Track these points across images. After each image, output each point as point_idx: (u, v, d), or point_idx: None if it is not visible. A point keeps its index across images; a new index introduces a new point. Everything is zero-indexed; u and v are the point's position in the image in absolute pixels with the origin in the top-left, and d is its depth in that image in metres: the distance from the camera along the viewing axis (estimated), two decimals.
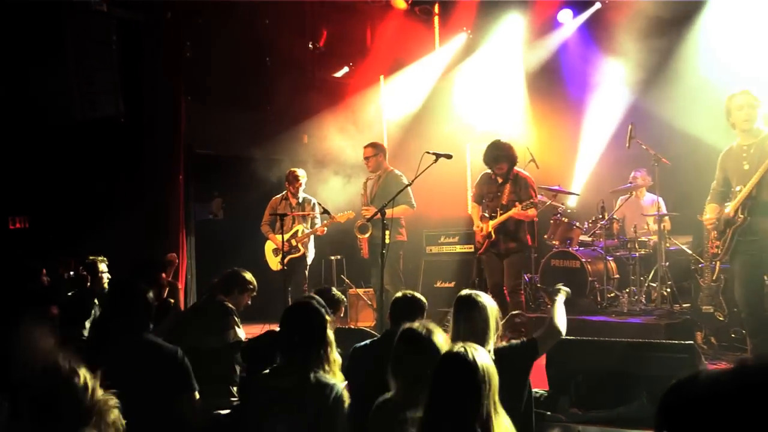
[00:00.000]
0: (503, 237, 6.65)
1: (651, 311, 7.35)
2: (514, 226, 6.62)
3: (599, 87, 9.43)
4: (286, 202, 8.12)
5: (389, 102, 10.14)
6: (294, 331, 3.11)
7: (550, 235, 8.33)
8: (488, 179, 6.80)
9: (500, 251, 6.69)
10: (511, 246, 6.63)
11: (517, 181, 6.65)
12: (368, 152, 7.76)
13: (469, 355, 2.50)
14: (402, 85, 10.24)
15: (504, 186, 6.68)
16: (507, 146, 6.68)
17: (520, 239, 6.66)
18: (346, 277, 9.23)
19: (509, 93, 9.96)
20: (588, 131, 9.62)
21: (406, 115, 10.12)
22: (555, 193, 8.42)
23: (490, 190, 6.78)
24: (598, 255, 8.03)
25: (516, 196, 6.59)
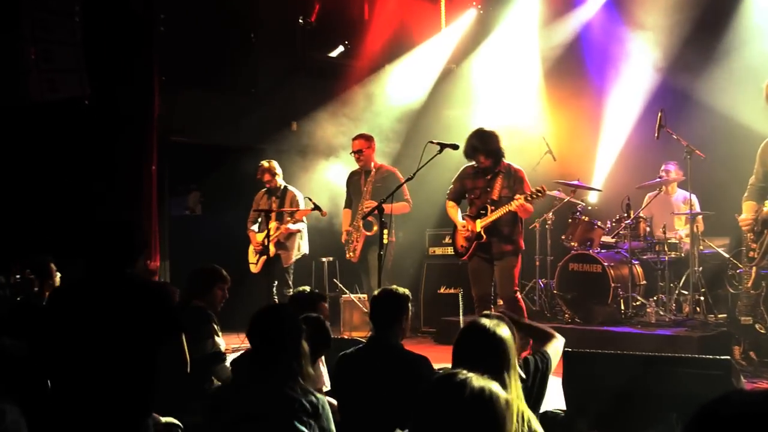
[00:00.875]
0: (497, 238, 6.41)
1: (682, 322, 7.33)
2: (509, 227, 6.41)
3: (624, 69, 9.39)
4: (267, 197, 8.20)
5: (390, 85, 10.10)
6: (259, 342, 2.95)
7: (568, 236, 8.30)
8: (473, 172, 6.58)
9: (492, 255, 6.44)
10: (507, 248, 6.42)
11: (510, 173, 6.45)
12: (360, 144, 7.65)
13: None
14: (405, 66, 10.23)
15: (495, 180, 6.46)
16: (490, 136, 6.43)
17: (515, 241, 6.47)
18: (338, 281, 9.21)
19: (523, 76, 9.99)
20: (611, 119, 9.59)
21: (410, 101, 10.11)
22: (574, 189, 8.41)
23: (476, 185, 6.55)
24: (622, 258, 7.98)
25: (510, 190, 6.38)
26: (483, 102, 9.79)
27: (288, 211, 7.94)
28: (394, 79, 10.11)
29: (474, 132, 6.48)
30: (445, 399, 2.02)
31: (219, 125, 9.28)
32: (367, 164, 7.67)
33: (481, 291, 6.50)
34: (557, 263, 8.26)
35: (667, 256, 7.75)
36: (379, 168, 7.64)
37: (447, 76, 10.37)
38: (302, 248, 8.27)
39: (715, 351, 5.46)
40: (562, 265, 8.13)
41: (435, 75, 10.32)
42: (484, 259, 6.48)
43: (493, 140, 6.42)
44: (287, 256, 8.10)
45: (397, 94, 9.98)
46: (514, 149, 8.85)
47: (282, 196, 8.11)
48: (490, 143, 6.39)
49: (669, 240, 7.80)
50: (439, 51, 10.33)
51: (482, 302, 6.42)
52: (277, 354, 2.93)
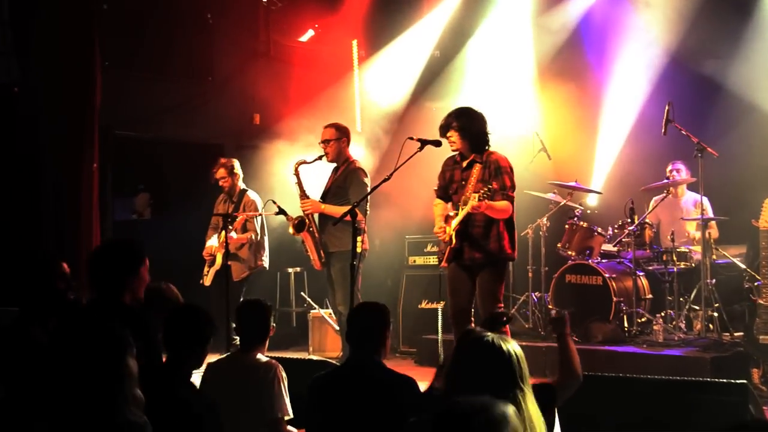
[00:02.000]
0: (468, 244, 6.08)
1: (693, 341, 7.31)
2: (483, 228, 6.06)
3: (628, 57, 9.35)
4: (225, 201, 8.18)
5: (367, 74, 10.07)
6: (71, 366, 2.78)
7: (564, 244, 8.29)
8: (452, 163, 6.36)
9: (465, 263, 6.16)
10: (477, 256, 6.06)
11: (489, 163, 6.12)
12: (329, 134, 7.46)
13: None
14: (384, 53, 10.23)
15: (469, 171, 6.18)
16: (471, 113, 6.21)
17: (491, 246, 6.07)
18: (306, 295, 9.16)
19: (516, 65, 9.98)
20: (613, 113, 9.58)
21: (390, 92, 10.09)
22: (571, 191, 8.41)
23: (453, 178, 6.30)
24: (625, 269, 8.01)
25: (485, 184, 5.97)
26: (471, 94, 9.69)
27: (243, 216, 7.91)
28: (372, 68, 10.10)
29: (455, 108, 6.33)
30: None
31: (171, 117, 9.21)
32: (335, 158, 7.45)
33: (458, 304, 6.19)
34: (552, 275, 8.25)
35: (675, 267, 7.74)
36: (348, 165, 7.48)
37: (431, 65, 10.35)
38: (259, 261, 8.16)
39: (731, 374, 5.58)
40: (557, 277, 8.12)
41: (418, 63, 10.29)
42: (461, 267, 6.17)
43: (475, 120, 6.19)
44: (238, 269, 8.03)
45: (375, 84, 9.97)
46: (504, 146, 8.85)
47: (237, 201, 8.07)
48: (470, 121, 6.16)
49: (678, 249, 7.78)
50: (422, 37, 10.31)
51: (459, 317, 6.14)
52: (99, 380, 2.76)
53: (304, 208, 7.42)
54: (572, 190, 8.37)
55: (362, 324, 3.96)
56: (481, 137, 6.15)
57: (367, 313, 4.03)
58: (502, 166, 6.08)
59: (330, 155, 7.40)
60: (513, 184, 6.09)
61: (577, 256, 8.13)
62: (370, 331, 3.93)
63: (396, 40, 10.23)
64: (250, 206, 8.01)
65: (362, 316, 4.03)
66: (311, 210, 7.34)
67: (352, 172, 7.38)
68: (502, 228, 6.06)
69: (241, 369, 4.32)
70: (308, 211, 7.35)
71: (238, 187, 8.12)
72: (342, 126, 7.55)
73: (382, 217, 8.92)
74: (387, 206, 8.94)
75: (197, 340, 3.67)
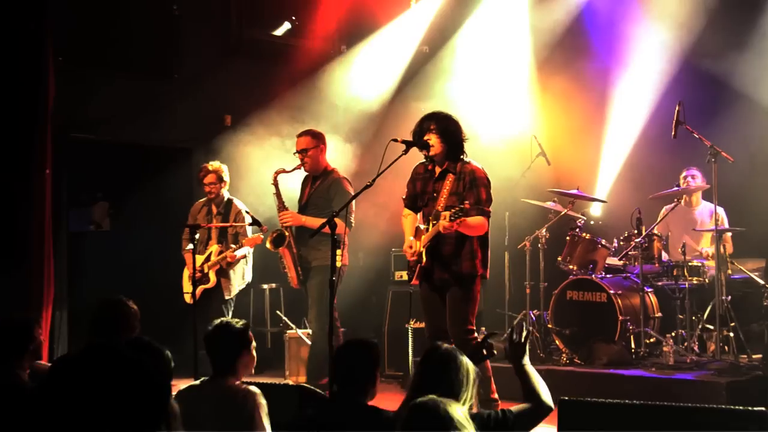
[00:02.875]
0: (438, 263, 6.10)
1: (707, 364, 7.33)
2: (455, 246, 6.07)
3: (636, 53, 9.40)
4: (206, 210, 8.14)
5: (348, 71, 10.07)
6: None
7: (565, 258, 8.33)
8: (423, 171, 6.33)
9: (435, 284, 6.18)
10: (447, 277, 6.09)
11: (463, 174, 6.09)
12: (305, 142, 7.56)
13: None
14: (366, 48, 10.24)
15: (442, 182, 6.16)
16: (446, 117, 6.19)
17: (463, 266, 6.08)
18: (282, 314, 9.14)
19: (511, 61, 10.00)
20: (619, 115, 9.62)
21: (373, 90, 10.11)
22: (572, 200, 8.41)
23: (425, 189, 6.28)
24: (632, 285, 8.04)
25: (459, 198, 5.99)
26: (461, 93, 9.74)
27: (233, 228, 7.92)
28: (353, 64, 10.08)
29: (431, 112, 6.30)
30: None
31: (133, 119, 9.15)
32: (314, 168, 7.56)
33: (433, 325, 6.23)
34: (552, 291, 8.27)
35: (687, 283, 7.77)
36: (329, 174, 7.56)
37: (418, 61, 10.36)
38: (246, 276, 8.16)
39: (749, 400, 5.42)
40: (558, 294, 8.14)
41: (403, 60, 10.29)
42: (432, 288, 6.21)
43: (453, 124, 6.16)
44: (230, 286, 8.02)
45: (356, 82, 9.95)
46: (498, 151, 8.85)
47: (225, 211, 8.06)
48: (449, 125, 6.13)
49: (690, 262, 7.80)
50: (408, 30, 10.32)
51: (435, 337, 5.97)
52: None
53: (284, 220, 7.49)
54: (574, 198, 8.36)
55: (348, 363, 3.96)
56: (457, 144, 6.14)
57: (354, 352, 4.01)
58: (478, 177, 6.06)
59: (308, 165, 7.53)
60: (489, 198, 6.08)
61: (579, 271, 8.15)
62: (357, 370, 3.92)
63: (380, 34, 10.24)
64: (240, 217, 8.02)
65: (349, 354, 4.02)
66: (291, 223, 7.40)
67: (335, 182, 7.49)
68: (476, 246, 6.07)
69: (215, 397, 4.25)
70: (288, 224, 7.41)
71: (224, 196, 8.10)
72: (317, 132, 7.67)
73: (365, 227, 8.88)
74: (371, 216, 8.91)
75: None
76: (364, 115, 9.93)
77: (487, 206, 6.02)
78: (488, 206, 6.04)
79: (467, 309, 6.06)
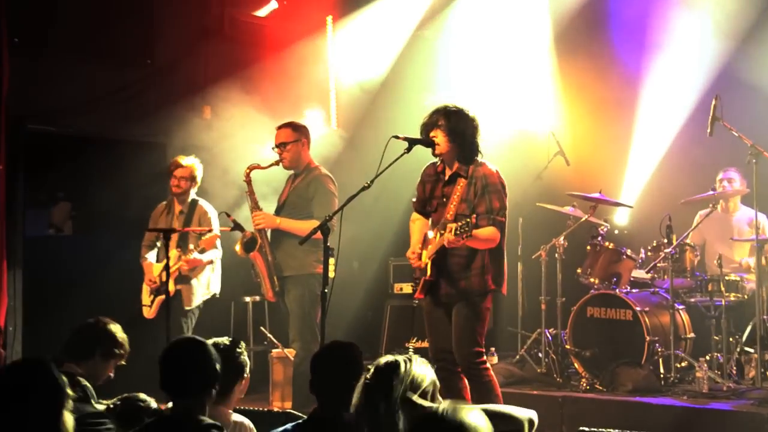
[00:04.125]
0: (445, 277, 6.14)
1: (746, 392, 7.30)
2: (465, 258, 6.10)
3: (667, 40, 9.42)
4: (169, 214, 8.19)
5: (339, 58, 10.09)
6: None
7: (585, 270, 8.35)
8: (434, 173, 6.39)
9: (441, 300, 6.22)
10: (454, 292, 6.13)
11: (474, 179, 6.11)
12: (285, 136, 7.61)
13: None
14: (359, 31, 10.20)
15: (453, 187, 6.19)
16: (462, 115, 6.17)
17: (472, 281, 6.12)
18: (267, 330, 9.11)
19: (526, 49, 9.99)
20: (648, 110, 9.63)
21: (367, 79, 10.11)
22: (594, 205, 8.43)
23: (434, 193, 6.35)
24: (661, 301, 8.05)
25: (469, 206, 6.05)
26: (469, 84, 9.73)
27: (197, 232, 7.92)
28: (344, 49, 10.10)
29: (443, 105, 6.28)
30: None
31: (100, 110, 9.12)
32: (293, 164, 7.60)
33: (437, 344, 6.29)
34: (571, 307, 8.29)
35: (724, 300, 7.75)
36: (310, 171, 7.61)
37: (417, 47, 10.33)
38: (212, 286, 8.18)
39: None
40: (577, 310, 8.15)
41: (400, 45, 10.27)
42: (437, 303, 6.25)
43: (466, 122, 6.15)
44: (191, 296, 8.03)
45: (348, 70, 9.99)
46: (511, 149, 8.82)
47: (189, 213, 8.10)
48: (461, 123, 6.12)
49: (727, 276, 7.80)
50: (406, 11, 10.31)
51: (440, 359, 6.18)
52: None
53: (256, 222, 7.52)
54: (596, 202, 8.36)
55: (329, 370, 3.93)
56: (470, 145, 6.15)
57: (336, 357, 4.00)
58: (491, 182, 6.07)
59: (287, 160, 7.57)
60: (503, 206, 6.07)
61: (601, 285, 8.16)
62: (339, 379, 3.84)
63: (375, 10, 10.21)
64: (205, 219, 8.04)
65: (329, 360, 4.00)
66: (264, 225, 7.44)
67: (315, 179, 7.53)
68: (488, 260, 6.09)
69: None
70: (260, 226, 7.45)
71: (189, 196, 8.15)
72: (299, 125, 7.74)
73: (361, 234, 8.93)
74: (367, 221, 8.89)
75: None
76: (360, 106, 9.98)
77: (499, 215, 6.01)
78: (501, 215, 6.02)
79: (475, 328, 6.09)
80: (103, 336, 5.10)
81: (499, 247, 6.10)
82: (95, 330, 5.11)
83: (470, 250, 6.03)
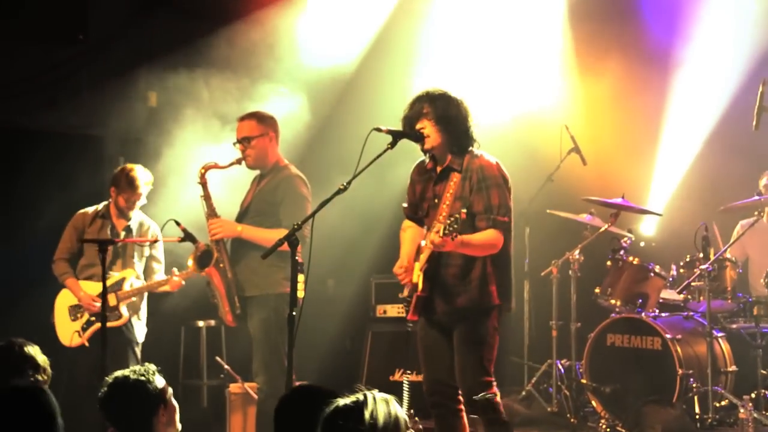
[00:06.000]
0: (440, 291, 6.09)
1: None
2: (461, 268, 6.05)
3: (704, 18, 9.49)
4: (104, 224, 8.10)
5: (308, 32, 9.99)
6: None
7: (605, 289, 8.43)
8: (423, 171, 6.38)
9: (437, 319, 6.18)
10: (452, 308, 6.08)
11: (470, 172, 6.08)
12: (248, 129, 7.61)
13: None
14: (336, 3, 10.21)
15: (445, 183, 6.15)
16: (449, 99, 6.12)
17: (472, 294, 6.06)
18: (224, 361, 9.01)
19: (535, 26, 10.04)
20: (680, 101, 9.72)
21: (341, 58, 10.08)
22: (616, 212, 8.47)
23: (425, 194, 6.33)
24: (696, 328, 8.13)
25: (464, 204, 5.93)
26: (466, 66, 9.77)
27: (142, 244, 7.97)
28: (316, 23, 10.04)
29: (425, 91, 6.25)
30: None
31: (20, 95, 9.18)
32: (259, 162, 7.59)
33: (432, 375, 6.24)
34: (587, 333, 8.36)
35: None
36: (279, 171, 7.59)
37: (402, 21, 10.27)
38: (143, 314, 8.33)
39: None
40: (595, 338, 8.23)
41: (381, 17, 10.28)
42: (433, 324, 6.19)
43: (455, 107, 6.12)
44: (142, 326, 8.11)
45: (321, 48, 9.93)
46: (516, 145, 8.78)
47: (137, 228, 8.13)
48: (450, 109, 6.07)
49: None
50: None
51: (435, 394, 6.18)
52: None
53: (213, 231, 7.47)
54: (618, 209, 8.40)
55: (295, 418, 3.88)
56: (463, 132, 6.10)
57: (303, 403, 3.89)
58: (489, 174, 6.00)
59: (251, 158, 7.53)
60: (505, 203, 6.01)
61: (624, 308, 8.23)
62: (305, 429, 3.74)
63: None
64: (154, 234, 8.12)
65: (295, 406, 3.95)
66: (223, 234, 7.39)
67: (285, 180, 7.49)
68: (490, 268, 6.02)
69: None
70: (218, 236, 7.40)
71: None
72: (265, 116, 7.69)
73: (336, 247, 8.89)
74: (344, 230, 8.88)
75: None
76: (335, 90, 9.96)
77: (501, 214, 5.92)
78: (504, 215, 5.93)
79: (481, 353, 6.02)
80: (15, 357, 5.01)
81: (504, 253, 6.03)
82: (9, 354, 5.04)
83: (466, 258, 5.98)
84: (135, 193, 7.90)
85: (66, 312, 7.93)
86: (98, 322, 7.60)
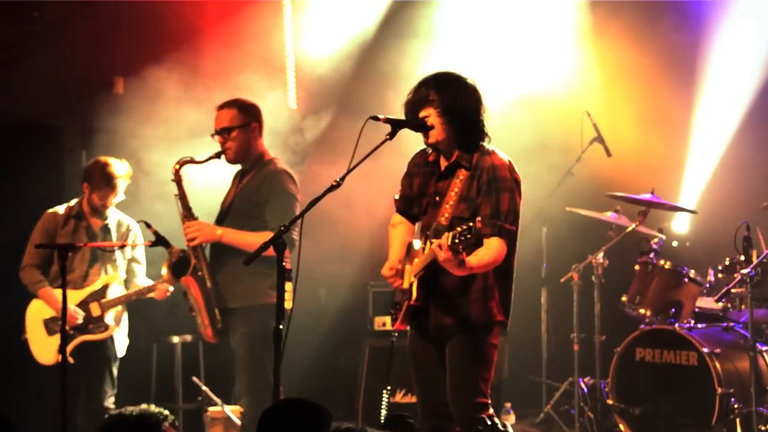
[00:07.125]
0: (436, 302, 6.03)
1: None
2: (461, 278, 5.92)
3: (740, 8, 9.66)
4: (78, 225, 8.17)
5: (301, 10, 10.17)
6: None
7: (633, 297, 8.55)
8: (425, 164, 6.28)
9: (430, 333, 6.11)
10: (448, 322, 6.00)
11: (479, 170, 5.98)
12: (228, 118, 7.62)
13: None
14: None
15: (450, 180, 6.06)
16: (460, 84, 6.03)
17: (472, 307, 5.99)
18: (202, 381, 9.01)
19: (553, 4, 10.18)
20: (716, 84, 9.79)
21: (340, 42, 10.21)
22: (645, 210, 8.58)
23: (425, 189, 6.22)
24: (737, 340, 8.19)
25: (470, 206, 5.89)
26: (476, 48, 9.87)
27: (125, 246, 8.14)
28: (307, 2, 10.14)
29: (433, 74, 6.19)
30: None
31: None
32: (240, 156, 7.62)
33: (427, 394, 6.19)
34: (613, 348, 8.43)
35: None
36: (264, 165, 7.59)
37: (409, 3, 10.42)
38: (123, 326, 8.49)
39: None
40: (623, 352, 8.31)
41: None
42: (425, 338, 6.12)
43: (466, 95, 6.02)
44: (124, 339, 8.24)
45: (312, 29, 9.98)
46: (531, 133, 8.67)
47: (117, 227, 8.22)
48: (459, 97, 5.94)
49: None
50: None
51: (433, 416, 6.11)
52: None
53: (190, 234, 7.49)
54: (647, 206, 8.48)
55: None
56: (474, 125, 6.00)
57: (291, 419, 3.99)
58: (501, 177, 5.89)
59: (232, 152, 7.53)
60: (514, 209, 5.90)
61: (654, 318, 8.35)
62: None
63: None
64: (125, 231, 8.25)
65: (282, 422, 4.00)
66: (201, 239, 7.38)
67: (271, 177, 7.50)
68: (492, 280, 5.95)
69: None
70: (196, 241, 7.39)
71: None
72: (248, 104, 7.69)
73: (328, 250, 8.87)
74: (335, 231, 8.92)
75: None
76: (326, 79, 10.06)
77: (509, 222, 5.83)
78: (512, 222, 5.84)
79: (476, 371, 5.96)
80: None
81: (507, 264, 5.95)
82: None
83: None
84: (112, 191, 7.98)
85: (41, 326, 7.98)
86: (80, 335, 7.84)
